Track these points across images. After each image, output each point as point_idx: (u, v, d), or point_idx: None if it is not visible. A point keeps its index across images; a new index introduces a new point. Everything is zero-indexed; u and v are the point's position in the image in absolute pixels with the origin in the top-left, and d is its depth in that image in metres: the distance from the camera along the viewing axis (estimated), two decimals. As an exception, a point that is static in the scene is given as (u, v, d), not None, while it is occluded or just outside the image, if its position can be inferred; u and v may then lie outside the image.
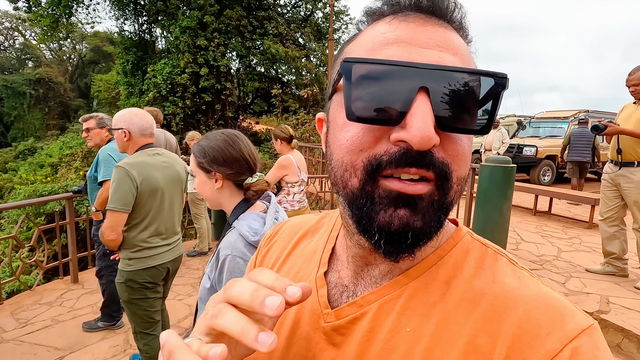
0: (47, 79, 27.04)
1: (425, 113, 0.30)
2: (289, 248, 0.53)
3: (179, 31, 11.13)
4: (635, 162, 2.82)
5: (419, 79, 0.30)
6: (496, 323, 0.34)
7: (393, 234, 0.33)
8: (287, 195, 2.88)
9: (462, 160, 0.34)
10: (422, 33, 0.34)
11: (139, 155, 1.81)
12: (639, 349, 2.21)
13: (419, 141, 0.30)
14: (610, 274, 3.11)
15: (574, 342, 0.31)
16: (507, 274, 0.37)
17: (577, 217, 5.38)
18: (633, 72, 2.85)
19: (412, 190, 0.32)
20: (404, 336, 0.36)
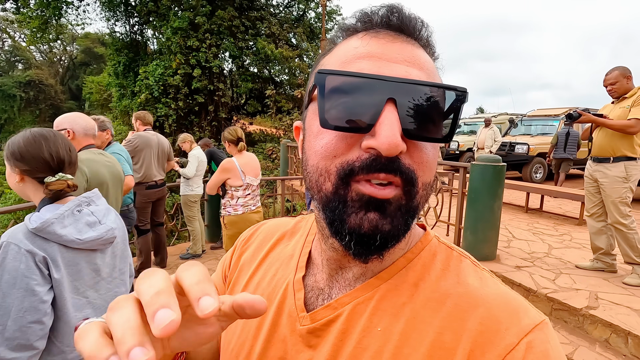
0: (38, 81, 26.72)
1: (393, 122, 0.32)
2: (265, 250, 0.54)
3: (171, 32, 11.06)
4: (611, 158, 2.89)
5: (387, 91, 0.33)
6: (460, 321, 0.36)
7: (363, 236, 0.35)
8: (230, 199, 2.83)
9: (427, 167, 0.36)
10: (392, 49, 0.36)
11: (86, 153, 1.94)
12: (627, 343, 2.25)
13: (387, 148, 0.32)
14: (599, 270, 3.16)
15: (529, 336, 0.34)
16: (470, 274, 0.41)
17: (568, 214, 5.45)
18: (609, 73, 2.91)
19: (381, 195, 0.34)
20: (375, 335, 0.38)
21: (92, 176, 1.91)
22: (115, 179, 2.12)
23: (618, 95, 2.91)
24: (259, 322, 0.46)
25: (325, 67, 0.39)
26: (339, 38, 0.41)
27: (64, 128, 1.94)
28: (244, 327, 0.48)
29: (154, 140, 3.71)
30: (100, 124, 2.70)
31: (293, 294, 0.45)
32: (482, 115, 13.48)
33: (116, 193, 2.11)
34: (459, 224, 3.67)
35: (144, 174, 3.58)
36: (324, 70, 0.34)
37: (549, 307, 2.70)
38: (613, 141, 2.87)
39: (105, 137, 2.70)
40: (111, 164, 2.10)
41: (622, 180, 2.84)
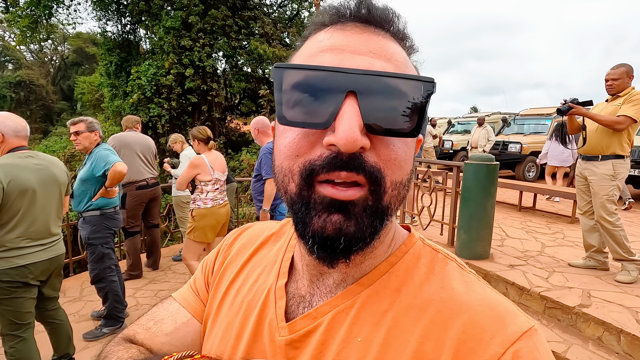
0: (28, 81, 26.39)
1: (352, 116, 0.30)
2: (248, 254, 0.52)
3: (163, 32, 10.96)
4: (600, 156, 2.91)
5: (347, 84, 0.31)
6: (443, 329, 0.34)
7: (326, 239, 0.33)
8: (200, 194, 3.05)
9: (395, 164, 0.34)
10: (357, 40, 0.34)
11: (9, 157, 1.86)
12: (619, 341, 2.25)
13: (344, 143, 0.30)
14: (591, 268, 3.17)
15: (515, 345, 0.32)
16: (455, 278, 0.39)
17: (561, 212, 5.48)
18: (615, 68, 2.91)
19: (343, 196, 0.32)
20: (354, 346, 0.36)
21: (11, 183, 1.80)
22: (48, 183, 1.98)
23: (615, 92, 2.92)
24: (238, 331, 0.44)
25: (301, 59, 0.37)
26: (309, 34, 0.40)
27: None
28: (224, 337, 0.46)
29: (132, 138, 3.68)
30: (88, 124, 2.68)
31: (274, 302, 0.43)
32: (475, 115, 13.55)
33: (46, 200, 1.98)
34: (453, 223, 3.67)
35: (127, 174, 3.56)
36: (279, 65, 0.33)
37: (542, 306, 2.70)
38: (602, 139, 2.89)
39: (93, 138, 2.69)
40: (42, 166, 1.98)
41: (610, 178, 2.86)
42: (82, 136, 2.64)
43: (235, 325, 0.45)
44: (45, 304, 2.18)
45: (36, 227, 1.94)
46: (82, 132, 2.64)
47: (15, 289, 1.88)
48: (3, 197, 1.77)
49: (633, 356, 2.19)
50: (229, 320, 0.46)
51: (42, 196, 1.95)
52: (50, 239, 2.04)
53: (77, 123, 2.67)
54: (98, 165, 2.61)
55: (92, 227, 2.66)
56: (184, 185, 3.02)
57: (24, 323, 1.94)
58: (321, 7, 0.46)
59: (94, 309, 3.17)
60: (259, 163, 3.05)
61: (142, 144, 3.76)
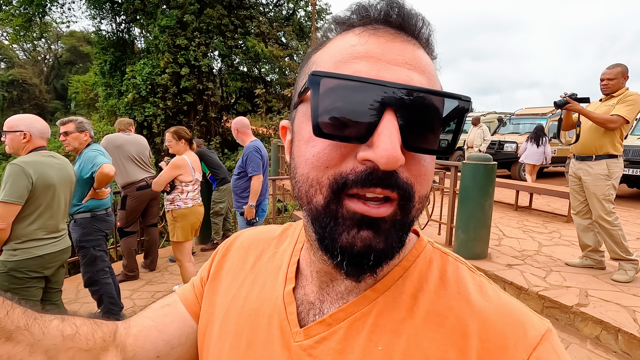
0: (21, 80, 26.12)
1: (392, 133, 0.29)
2: (251, 261, 0.50)
3: (158, 30, 10.89)
4: (593, 156, 2.93)
5: (387, 98, 0.30)
6: (465, 337, 0.34)
7: (356, 256, 0.32)
8: (180, 194, 3.08)
9: (425, 180, 0.34)
10: (392, 49, 0.33)
11: (34, 156, 2.01)
12: (617, 340, 2.27)
13: (386, 162, 0.29)
14: (588, 267, 3.19)
15: (537, 350, 0.33)
16: (469, 282, 0.39)
17: (557, 212, 5.51)
18: (611, 68, 2.93)
19: (376, 213, 0.31)
20: (375, 355, 0.35)
21: (39, 178, 1.96)
22: (65, 181, 2.15)
23: (609, 92, 2.93)
24: (248, 340, 0.43)
25: (318, 66, 0.35)
26: (332, 32, 0.38)
27: (20, 130, 2.01)
28: (233, 345, 0.44)
29: (124, 139, 3.65)
30: (78, 125, 2.64)
31: (284, 307, 0.42)
32: (471, 114, 13.60)
33: (65, 195, 2.16)
34: (451, 222, 3.67)
35: (124, 176, 3.54)
36: (318, 72, 0.31)
37: (540, 305, 2.71)
38: (595, 139, 2.91)
39: (83, 138, 2.66)
40: (61, 165, 2.14)
41: (605, 177, 2.88)
42: (72, 137, 2.61)
43: (244, 333, 0.44)
44: (50, 296, 2.24)
45: (53, 221, 2.09)
46: (72, 133, 2.60)
47: (30, 279, 2.02)
48: (31, 191, 1.93)
49: (631, 355, 2.20)
50: (237, 327, 0.45)
51: (61, 193, 2.11)
52: (60, 232, 2.17)
53: (66, 123, 2.63)
54: (85, 166, 2.56)
55: (83, 230, 2.62)
56: (162, 185, 3.02)
57: None
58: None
59: (90, 311, 3.14)
60: (243, 161, 3.12)
61: (136, 144, 3.73)
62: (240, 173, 3.19)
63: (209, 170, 4.67)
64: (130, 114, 10.92)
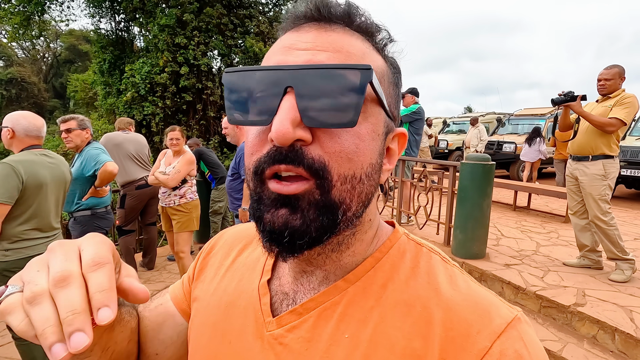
0: (20, 78, 26.05)
1: (285, 110, 0.31)
2: (232, 256, 0.52)
3: (158, 29, 10.87)
4: (590, 156, 2.94)
5: (285, 80, 0.32)
6: (430, 325, 0.35)
7: (273, 233, 0.34)
8: (190, 187, 3.28)
9: (341, 157, 0.33)
10: (304, 37, 0.35)
11: (25, 154, 1.98)
12: (614, 340, 2.28)
13: (276, 136, 0.31)
14: (585, 267, 3.21)
15: (502, 337, 0.33)
16: (440, 272, 0.39)
17: (555, 212, 5.53)
18: (608, 68, 2.94)
19: (287, 191, 0.33)
20: (342, 343, 0.36)
21: (29, 178, 1.93)
22: (58, 180, 2.11)
23: (606, 92, 2.94)
24: (224, 330, 0.45)
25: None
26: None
27: (6, 126, 1.99)
28: (212, 335, 0.46)
29: (124, 138, 3.65)
30: (80, 122, 2.65)
31: (258, 298, 0.44)
32: (469, 115, 13.62)
33: (58, 194, 2.13)
34: (449, 222, 3.68)
35: (123, 175, 3.54)
36: (227, 70, 0.35)
37: (537, 305, 2.72)
38: (592, 140, 2.92)
39: (84, 136, 2.66)
40: (55, 165, 2.10)
41: (601, 177, 2.89)
42: (74, 134, 2.62)
43: (221, 324, 0.45)
44: None
45: (45, 221, 2.06)
46: (74, 130, 2.62)
47: None
48: (22, 191, 1.90)
49: (627, 354, 2.21)
50: (215, 319, 0.46)
51: (53, 192, 2.08)
52: (53, 232, 2.13)
53: (68, 120, 2.64)
54: (88, 164, 2.57)
55: (83, 228, 2.62)
56: (179, 181, 3.15)
57: None
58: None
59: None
60: (237, 162, 3.13)
61: (136, 143, 3.72)
62: (234, 174, 3.17)
63: (207, 169, 4.67)
64: (129, 113, 10.90)
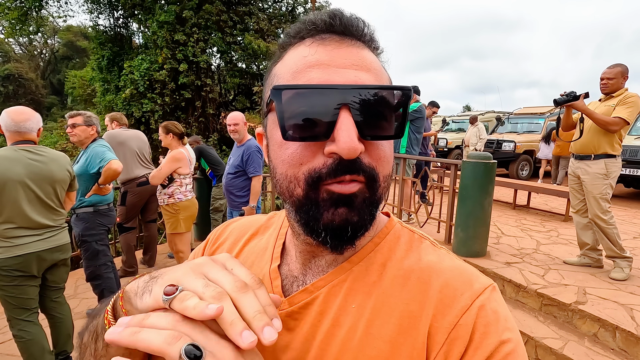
0: (17, 75, 25.89)
1: (349, 127, 0.35)
2: (240, 245, 0.57)
3: (157, 26, 10.81)
4: (592, 155, 2.96)
5: (340, 98, 0.36)
6: (424, 292, 0.41)
7: (335, 230, 0.38)
8: (179, 187, 3.17)
9: (385, 162, 0.40)
10: (339, 54, 0.39)
11: (3, 150, 1.95)
12: (615, 338, 2.29)
13: (347, 152, 0.35)
14: (586, 265, 3.22)
15: (480, 298, 0.40)
16: (429, 252, 0.46)
17: (554, 210, 5.55)
18: (612, 67, 2.94)
19: (346, 190, 0.37)
20: (349, 312, 0.42)
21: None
22: (41, 176, 2.02)
23: (608, 91, 2.95)
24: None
25: (279, 78, 0.41)
26: (288, 45, 0.43)
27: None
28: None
29: (127, 135, 3.63)
30: (86, 119, 2.65)
31: (270, 282, 0.48)
32: (469, 113, 13.62)
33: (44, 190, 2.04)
34: (450, 220, 3.69)
35: (125, 172, 3.51)
36: (278, 86, 0.37)
37: (538, 303, 2.74)
38: (594, 139, 2.93)
39: (90, 132, 2.66)
40: (39, 161, 2.02)
41: (603, 176, 2.90)
42: (79, 129, 2.63)
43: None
44: (48, 292, 2.20)
45: (24, 218, 1.98)
46: (79, 125, 2.63)
47: (16, 278, 1.97)
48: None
49: (628, 352, 2.22)
50: None
51: (29, 188, 1.98)
52: (45, 230, 2.08)
53: (75, 116, 2.66)
54: (93, 161, 2.57)
55: (85, 224, 2.62)
56: (161, 179, 3.05)
57: (28, 308, 2.04)
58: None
59: (89, 307, 3.13)
60: (243, 160, 3.10)
61: (138, 140, 3.71)
62: (238, 172, 3.14)
63: (208, 167, 4.66)
64: (127, 110, 10.86)
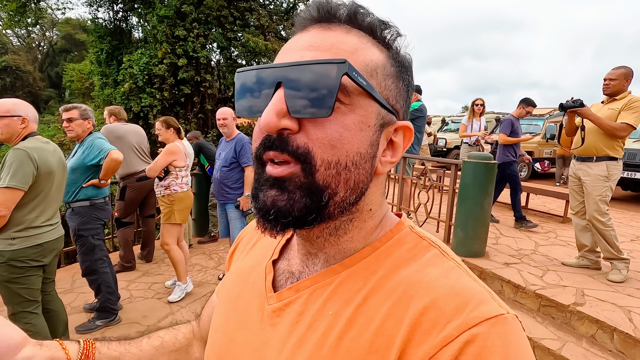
0: (15, 67, 25.70)
1: (273, 102, 0.36)
2: (253, 241, 0.59)
3: (157, 20, 10.74)
4: (594, 157, 2.96)
5: (275, 77, 0.37)
6: (404, 308, 0.36)
7: (262, 210, 0.38)
8: (175, 179, 3.21)
9: (325, 144, 0.36)
10: (301, 39, 0.40)
11: (35, 141, 1.98)
12: (612, 339, 2.30)
13: (263, 125, 0.36)
14: (584, 267, 3.23)
15: (473, 330, 0.32)
16: (434, 264, 0.40)
17: (552, 212, 5.56)
18: (616, 69, 2.94)
19: (275, 173, 0.37)
20: (326, 318, 0.40)
21: (42, 165, 1.93)
22: (62, 167, 2.14)
23: (610, 92, 2.95)
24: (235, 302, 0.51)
25: None
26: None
27: (19, 115, 1.94)
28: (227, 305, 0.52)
29: (125, 130, 3.60)
30: (82, 112, 2.62)
31: (264, 276, 0.49)
32: (467, 113, 13.62)
33: (62, 181, 2.14)
34: (449, 220, 3.69)
35: (124, 167, 3.49)
36: (239, 70, 0.40)
37: (537, 304, 2.74)
38: (596, 141, 2.93)
39: (86, 126, 2.63)
40: (57, 152, 2.13)
41: (604, 178, 2.91)
42: (75, 123, 2.58)
43: (233, 296, 0.52)
44: (44, 287, 2.21)
45: (51, 208, 2.07)
46: (76, 119, 2.58)
47: (30, 268, 1.99)
48: (35, 177, 1.91)
49: (626, 354, 2.23)
50: (230, 293, 0.53)
51: (58, 179, 2.09)
52: (56, 220, 2.15)
53: (70, 110, 2.60)
54: (92, 153, 2.54)
55: (81, 219, 2.59)
56: (157, 171, 3.11)
57: (35, 300, 2.08)
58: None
59: (86, 301, 3.11)
60: (236, 152, 3.21)
61: (136, 135, 3.68)
62: (232, 164, 3.23)
63: (207, 163, 4.64)
64: (126, 104, 10.79)
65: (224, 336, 0.49)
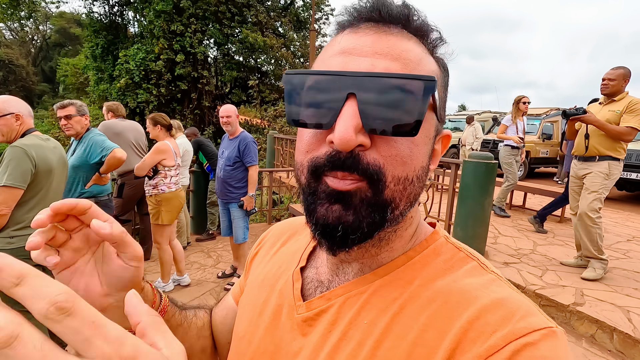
0: (7, 61, 25.34)
1: (349, 116, 0.32)
2: (276, 247, 0.57)
3: (154, 15, 10.64)
4: (597, 157, 2.99)
5: (347, 86, 0.33)
6: (447, 319, 0.35)
7: (327, 227, 0.35)
8: (164, 178, 3.11)
9: (396, 161, 0.35)
10: (364, 42, 0.36)
11: (32, 138, 1.92)
12: (612, 339, 2.31)
13: (339, 143, 0.32)
14: (583, 267, 3.25)
15: (520, 340, 0.31)
16: (472, 275, 0.39)
17: (549, 212, 5.59)
18: (615, 69, 2.96)
19: (341, 187, 0.34)
20: (360, 328, 0.38)
21: (40, 162, 1.88)
22: (62, 164, 2.09)
23: (608, 92, 2.96)
24: (261, 309, 0.49)
25: (316, 64, 0.39)
26: (334, 34, 0.41)
27: (11, 112, 1.87)
28: (252, 311, 0.51)
29: (123, 126, 3.55)
30: (79, 108, 2.57)
31: (292, 284, 0.47)
32: (465, 113, 13.68)
33: (62, 179, 2.09)
34: (449, 220, 3.69)
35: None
36: (288, 72, 0.36)
37: (537, 304, 2.75)
38: (600, 142, 2.95)
39: (84, 122, 2.59)
40: (57, 149, 2.07)
41: (604, 176, 2.93)
42: (74, 120, 2.54)
43: (258, 304, 0.50)
44: None
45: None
46: (74, 116, 2.53)
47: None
48: (33, 175, 1.86)
49: (625, 353, 2.25)
50: (254, 300, 0.51)
51: (58, 177, 2.03)
52: None
53: (66, 106, 2.54)
54: (94, 151, 2.50)
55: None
56: (145, 170, 3.02)
57: None
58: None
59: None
60: (240, 151, 3.17)
61: (134, 131, 3.64)
62: (236, 163, 3.20)
63: (206, 160, 4.60)
64: (122, 100, 10.70)
65: (251, 345, 0.48)
